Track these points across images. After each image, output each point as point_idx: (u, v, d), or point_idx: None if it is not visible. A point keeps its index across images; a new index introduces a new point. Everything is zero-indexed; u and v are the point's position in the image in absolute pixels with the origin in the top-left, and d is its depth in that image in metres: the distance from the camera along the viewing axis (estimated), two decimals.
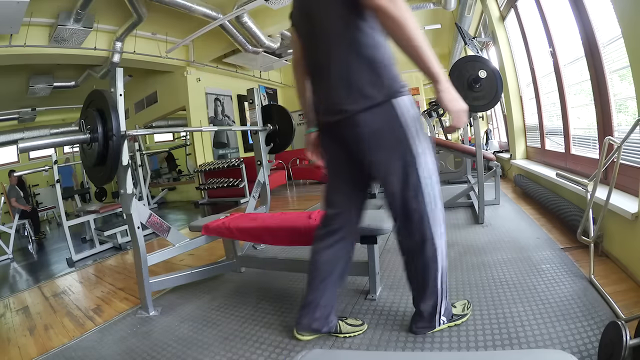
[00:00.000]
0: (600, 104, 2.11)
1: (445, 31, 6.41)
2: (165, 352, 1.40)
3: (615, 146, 1.37)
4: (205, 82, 7.00)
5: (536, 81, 3.42)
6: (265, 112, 2.57)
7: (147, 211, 1.80)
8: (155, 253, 1.84)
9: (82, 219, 3.87)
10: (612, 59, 1.94)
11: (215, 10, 4.58)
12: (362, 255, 1.66)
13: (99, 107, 1.62)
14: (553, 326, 1.21)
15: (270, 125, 2.56)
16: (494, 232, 2.32)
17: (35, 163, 7.89)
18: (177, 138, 9.80)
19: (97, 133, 1.57)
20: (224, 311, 1.68)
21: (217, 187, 5.95)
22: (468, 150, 3.17)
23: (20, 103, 7.23)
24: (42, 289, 2.56)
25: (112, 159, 1.58)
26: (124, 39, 5.02)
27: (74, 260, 3.33)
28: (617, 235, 1.68)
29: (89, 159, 1.68)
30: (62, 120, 8.93)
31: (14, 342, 1.72)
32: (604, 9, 1.86)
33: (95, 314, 1.91)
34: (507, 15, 3.88)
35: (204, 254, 2.72)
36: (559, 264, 1.70)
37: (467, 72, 2.27)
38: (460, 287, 1.59)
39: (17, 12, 3.50)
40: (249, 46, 5.45)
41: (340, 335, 1.31)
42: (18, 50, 4.19)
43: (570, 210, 2.14)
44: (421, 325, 1.26)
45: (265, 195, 2.57)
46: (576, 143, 2.69)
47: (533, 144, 3.89)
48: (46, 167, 4.14)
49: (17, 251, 4.70)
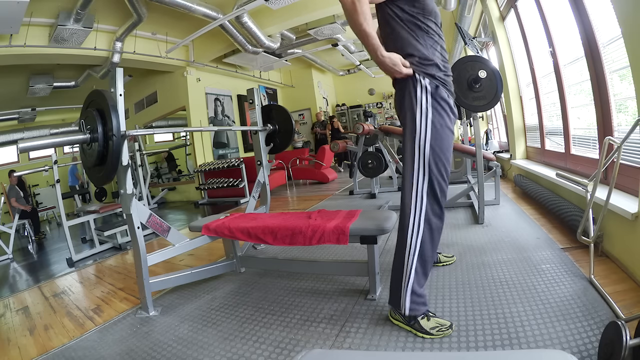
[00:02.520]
0: (600, 104, 2.11)
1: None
2: (165, 352, 1.40)
3: (615, 146, 1.37)
4: (205, 82, 7.00)
5: (536, 81, 3.42)
6: (265, 112, 2.57)
7: (147, 211, 1.80)
8: (155, 253, 1.84)
9: (82, 219, 3.87)
10: (612, 59, 1.94)
11: (215, 10, 4.57)
12: (362, 255, 1.67)
13: (99, 107, 1.62)
14: (553, 326, 1.21)
15: (270, 125, 2.56)
16: (494, 232, 2.32)
17: (35, 163, 7.90)
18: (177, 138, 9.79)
19: (97, 133, 1.58)
20: (224, 311, 1.68)
21: (217, 187, 5.95)
22: (468, 150, 3.17)
23: (20, 103, 7.23)
24: (42, 289, 2.56)
25: (112, 159, 1.58)
26: (124, 39, 5.02)
27: (74, 260, 3.33)
28: (617, 235, 1.68)
29: (89, 159, 1.68)
30: (62, 120, 8.93)
31: (14, 342, 1.72)
32: (604, 9, 1.86)
33: (95, 314, 1.91)
34: (507, 15, 3.88)
35: (204, 254, 2.72)
36: (559, 264, 1.70)
37: (467, 72, 2.27)
38: (460, 287, 1.59)
39: (17, 12, 3.50)
40: (249, 46, 5.45)
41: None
42: (18, 50, 4.19)
43: (570, 210, 2.14)
44: (390, 301, 1.36)
45: (265, 195, 2.57)
46: (576, 143, 2.69)
47: (533, 144, 3.89)
48: (46, 167, 4.13)
49: (17, 251, 4.70)
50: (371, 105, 9.96)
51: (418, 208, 1.26)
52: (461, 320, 1.32)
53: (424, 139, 1.24)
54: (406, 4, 1.24)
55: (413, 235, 1.26)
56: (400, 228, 1.31)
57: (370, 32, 1.17)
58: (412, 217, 1.26)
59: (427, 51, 1.25)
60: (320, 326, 1.43)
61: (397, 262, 1.31)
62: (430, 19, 1.26)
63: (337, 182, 6.15)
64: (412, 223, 1.26)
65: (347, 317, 1.47)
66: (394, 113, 9.69)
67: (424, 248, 1.27)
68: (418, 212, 1.26)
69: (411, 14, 1.24)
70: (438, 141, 1.25)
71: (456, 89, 2.32)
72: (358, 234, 1.53)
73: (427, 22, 1.25)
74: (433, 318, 1.30)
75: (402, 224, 1.30)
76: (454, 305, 1.44)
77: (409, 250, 1.27)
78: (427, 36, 1.26)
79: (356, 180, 4.50)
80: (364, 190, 4.43)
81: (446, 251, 2.03)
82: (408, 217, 1.27)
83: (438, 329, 1.26)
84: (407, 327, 1.31)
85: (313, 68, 9.06)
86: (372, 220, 1.57)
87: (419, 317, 1.28)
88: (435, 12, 1.28)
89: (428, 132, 1.24)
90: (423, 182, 1.25)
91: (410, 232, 1.27)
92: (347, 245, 1.56)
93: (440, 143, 1.25)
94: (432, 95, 1.24)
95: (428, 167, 1.24)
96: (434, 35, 1.28)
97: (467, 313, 1.37)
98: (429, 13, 1.25)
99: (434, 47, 1.27)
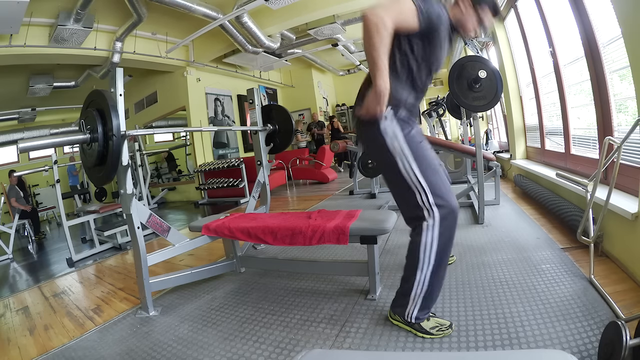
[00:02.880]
0: (600, 104, 2.11)
1: None
2: (165, 352, 1.40)
3: (615, 146, 1.37)
4: (205, 82, 7.00)
5: (536, 81, 3.42)
6: (265, 112, 2.57)
7: (147, 211, 1.80)
8: (155, 253, 1.84)
9: (82, 219, 3.87)
10: (612, 59, 1.94)
11: (215, 10, 4.57)
12: (362, 255, 1.67)
13: (99, 107, 1.62)
14: (553, 326, 1.21)
15: (271, 125, 2.56)
16: (494, 232, 2.32)
17: (35, 163, 7.89)
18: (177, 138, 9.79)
19: (97, 133, 1.57)
20: (224, 311, 1.68)
21: (217, 187, 5.95)
22: (468, 150, 3.17)
23: (20, 103, 7.23)
24: (42, 289, 2.56)
25: (112, 159, 1.58)
26: (124, 39, 5.02)
27: (74, 260, 3.32)
28: (617, 235, 1.68)
29: (89, 159, 1.67)
30: (62, 120, 8.93)
31: (14, 342, 1.72)
32: (604, 9, 1.86)
33: (95, 314, 1.91)
34: (507, 15, 3.88)
35: (204, 254, 2.72)
36: (559, 264, 1.70)
37: (467, 72, 2.27)
38: (460, 287, 1.59)
39: (17, 12, 3.50)
40: (249, 46, 5.45)
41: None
42: (18, 50, 4.19)
43: (570, 210, 2.14)
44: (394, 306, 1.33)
45: (265, 195, 2.57)
46: (576, 143, 2.69)
47: (533, 144, 3.89)
48: (46, 167, 4.13)
49: (17, 251, 4.70)
50: None
51: (429, 216, 1.21)
52: (461, 320, 1.32)
53: (407, 164, 1.22)
54: (417, 45, 1.20)
55: (427, 249, 1.22)
56: (413, 246, 1.25)
57: (384, 58, 1.12)
58: (425, 232, 1.21)
59: (404, 96, 1.25)
60: (320, 326, 1.43)
61: (409, 272, 1.27)
62: (428, 66, 1.25)
63: (337, 182, 6.15)
64: (426, 236, 1.21)
65: (347, 317, 1.46)
66: None
67: (439, 262, 1.23)
68: (431, 222, 1.21)
69: (415, 56, 1.22)
70: (420, 157, 1.22)
71: (456, 89, 2.32)
72: (358, 234, 1.53)
73: (422, 70, 1.25)
74: (433, 318, 1.30)
75: (415, 240, 1.24)
76: (454, 305, 1.44)
77: (422, 264, 1.23)
78: (414, 83, 1.26)
79: (356, 180, 4.50)
80: (364, 190, 4.43)
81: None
82: (420, 232, 1.22)
83: (438, 328, 1.26)
84: (406, 327, 1.31)
85: (313, 68, 9.06)
86: (372, 220, 1.57)
87: (421, 324, 1.28)
88: (438, 63, 1.27)
89: (407, 155, 1.22)
90: (425, 192, 1.21)
91: (424, 245, 1.22)
92: (347, 245, 1.56)
93: (421, 158, 1.23)
94: (395, 120, 1.23)
95: (425, 180, 1.21)
96: (421, 86, 1.28)
97: (467, 313, 1.37)
98: (431, 62, 1.24)
99: (415, 96, 1.28)
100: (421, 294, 1.25)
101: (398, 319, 1.33)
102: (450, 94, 2.65)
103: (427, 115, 6.21)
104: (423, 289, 1.24)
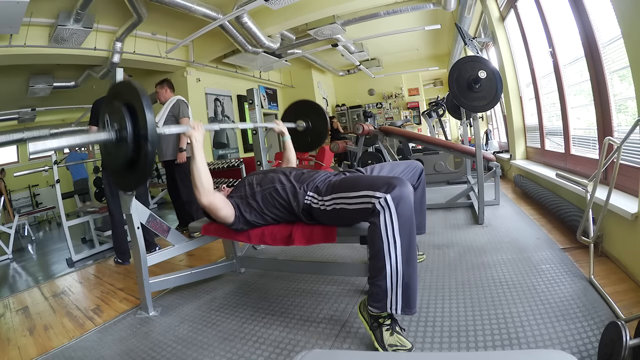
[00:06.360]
0: (600, 104, 2.12)
1: (445, 31, 6.41)
2: (165, 352, 1.40)
3: (615, 146, 1.37)
4: (205, 83, 7.00)
5: (536, 81, 3.42)
6: (298, 107, 2.47)
7: (147, 211, 1.80)
8: (155, 253, 1.84)
9: (82, 219, 3.87)
10: (612, 59, 1.94)
11: (215, 11, 4.57)
12: (362, 255, 1.66)
13: (128, 102, 1.36)
14: (553, 326, 1.21)
15: (303, 122, 2.42)
16: (494, 233, 2.32)
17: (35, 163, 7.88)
18: None
19: (127, 133, 1.33)
20: (224, 311, 1.68)
21: (217, 187, 5.95)
22: (468, 150, 3.17)
23: (20, 103, 7.22)
24: (42, 289, 2.56)
25: (146, 166, 1.35)
26: (123, 39, 5.02)
27: (74, 260, 3.32)
28: (617, 235, 1.68)
29: (114, 160, 1.46)
30: (62, 121, 8.92)
31: (13, 342, 1.72)
32: (604, 9, 1.86)
33: (95, 314, 1.91)
34: (507, 16, 3.88)
35: (204, 254, 2.72)
36: (558, 264, 1.70)
37: (467, 72, 2.27)
38: (460, 287, 1.59)
39: (17, 12, 3.49)
40: (249, 46, 5.45)
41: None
42: (18, 50, 4.18)
43: (570, 211, 2.14)
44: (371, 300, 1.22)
45: None
46: (576, 143, 2.69)
47: (533, 145, 3.89)
48: (46, 167, 4.13)
49: (17, 251, 4.70)
50: (371, 105, 9.95)
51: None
52: (461, 321, 1.32)
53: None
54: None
55: (388, 228, 1.15)
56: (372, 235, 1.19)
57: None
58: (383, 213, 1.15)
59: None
60: (320, 326, 1.43)
61: (376, 259, 1.17)
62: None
63: None
64: (384, 219, 1.15)
65: (347, 317, 1.47)
66: (394, 113, 9.70)
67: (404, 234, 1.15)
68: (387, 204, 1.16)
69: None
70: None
71: (456, 89, 2.32)
72: (358, 234, 1.53)
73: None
74: (398, 335, 1.19)
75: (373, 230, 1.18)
76: (454, 305, 1.44)
77: (389, 245, 1.15)
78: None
79: None
80: None
81: (446, 252, 2.03)
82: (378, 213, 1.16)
83: (396, 348, 1.16)
84: (368, 330, 1.25)
85: (313, 68, 9.06)
86: None
87: (384, 325, 1.20)
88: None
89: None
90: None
91: (383, 224, 1.15)
92: (347, 245, 1.56)
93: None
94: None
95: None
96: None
97: (467, 313, 1.37)
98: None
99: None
100: (398, 282, 1.14)
101: (366, 317, 1.25)
102: (450, 94, 2.65)
103: (427, 116, 6.21)
104: (398, 277, 1.14)
